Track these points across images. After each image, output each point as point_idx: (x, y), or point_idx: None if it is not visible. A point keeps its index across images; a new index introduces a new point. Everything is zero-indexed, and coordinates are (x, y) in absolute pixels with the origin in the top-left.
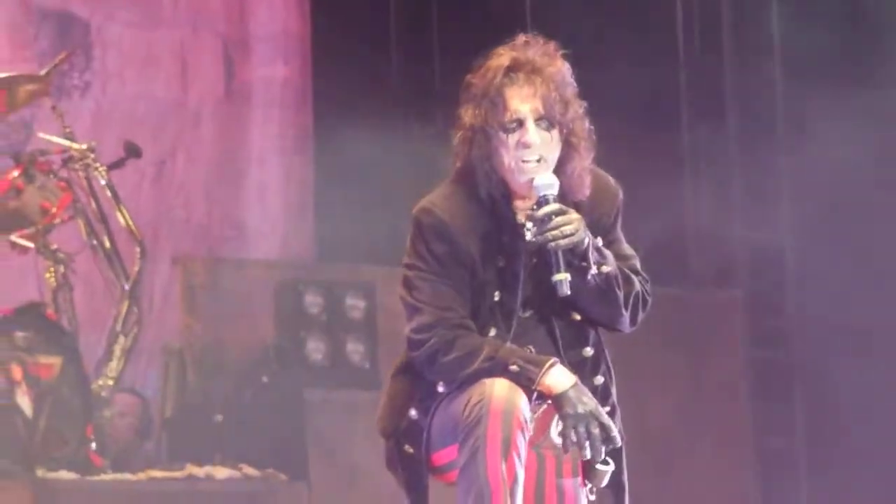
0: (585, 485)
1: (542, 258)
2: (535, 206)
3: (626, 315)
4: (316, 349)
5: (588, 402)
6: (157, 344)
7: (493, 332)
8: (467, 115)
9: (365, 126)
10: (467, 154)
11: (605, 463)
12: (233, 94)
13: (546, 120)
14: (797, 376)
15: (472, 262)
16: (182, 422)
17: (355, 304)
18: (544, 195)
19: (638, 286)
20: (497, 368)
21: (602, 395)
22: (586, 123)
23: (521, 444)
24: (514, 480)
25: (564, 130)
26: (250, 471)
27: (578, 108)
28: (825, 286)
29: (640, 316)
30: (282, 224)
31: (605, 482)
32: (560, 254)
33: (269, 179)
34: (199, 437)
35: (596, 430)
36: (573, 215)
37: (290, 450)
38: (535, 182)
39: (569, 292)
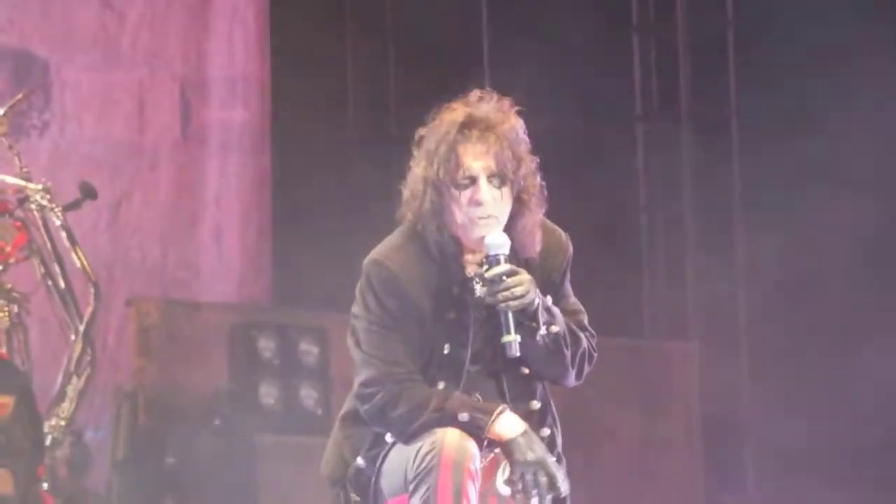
0: None
1: (491, 315)
2: (485, 263)
3: (573, 372)
4: (269, 394)
5: (537, 449)
6: (110, 385)
7: (441, 385)
8: (419, 168)
9: (323, 170)
10: (418, 207)
11: None
12: (190, 136)
13: (498, 177)
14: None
15: (421, 315)
16: (134, 464)
17: (309, 350)
18: (495, 254)
19: (585, 343)
20: (446, 418)
21: (549, 445)
22: (538, 179)
23: (472, 492)
24: None
25: (516, 187)
26: None
27: (531, 163)
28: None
29: (586, 371)
30: (238, 267)
31: None
32: (510, 315)
33: (225, 222)
34: (151, 479)
35: (543, 479)
36: (524, 276)
37: (242, 494)
38: (487, 241)
39: (518, 354)
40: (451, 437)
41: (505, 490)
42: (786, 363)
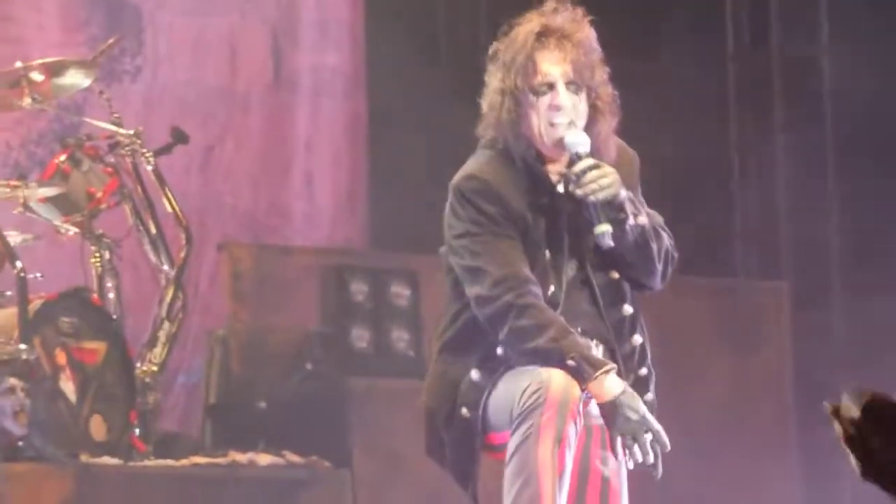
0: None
1: (579, 216)
2: (569, 164)
3: (659, 268)
4: (360, 337)
5: (639, 408)
6: (202, 330)
7: (552, 290)
8: (495, 79)
9: (417, 113)
10: (496, 119)
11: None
12: (281, 81)
13: (575, 84)
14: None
15: (522, 220)
16: (226, 408)
17: (400, 293)
18: (576, 152)
19: (667, 240)
20: (556, 354)
21: (640, 356)
22: (611, 88)
23: (573, 435)
24: (563, 470)
25: (592, 94)
26: (293, 458)
27: (604, 73)
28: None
29: (669, 272)
30: (329, 212)
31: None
32: (599, 206)
33: (317, 167)
34: (243, 423)
35: (645, 437)
36: (607, 168)
37: (334, 437)
38: (567, 140)
39: (612, 244)
40: (557, 379)
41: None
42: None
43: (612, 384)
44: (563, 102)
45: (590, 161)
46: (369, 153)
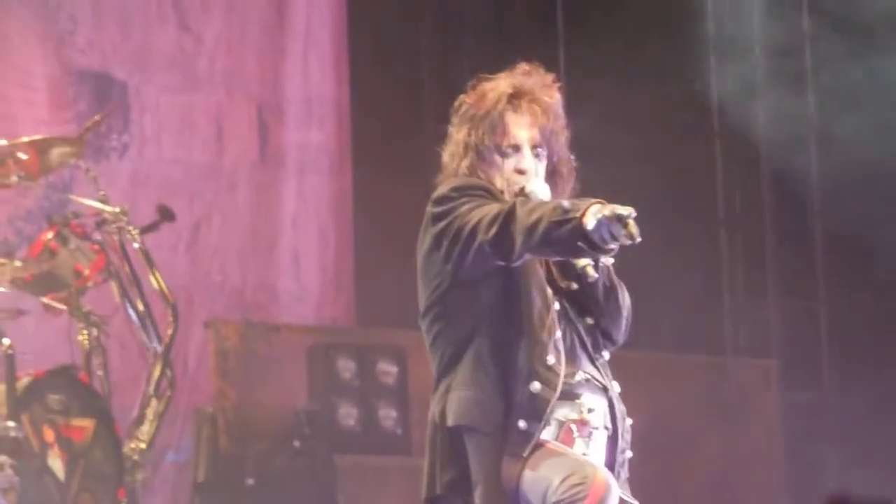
0: None
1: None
2: None
3: (624, 316)
4: (348, 414)
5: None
6: (190, 407)
7: (557, 307)
8: (461, 133)
9: (404, 188)
10: (455, 168)
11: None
12: (268, 158)
13: (539, 149)
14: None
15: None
16: (214, 485)
17: (387, 370)
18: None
19: (628, 296)
20: (558, 206)
21: (620, 402)
22: (570, 155)
23: None
24: None
25: (553, 159)
26: None
27: (566, 139)
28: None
29: (628, 328)
30: (316, 289)
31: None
32: None
33: (303, 244)
34: (232, 500)
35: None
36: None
37: None
38: (528, 188)
39: (597, 275)
40: (601, 476)
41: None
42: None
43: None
44: (528, 166)
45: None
46: (354, 229)
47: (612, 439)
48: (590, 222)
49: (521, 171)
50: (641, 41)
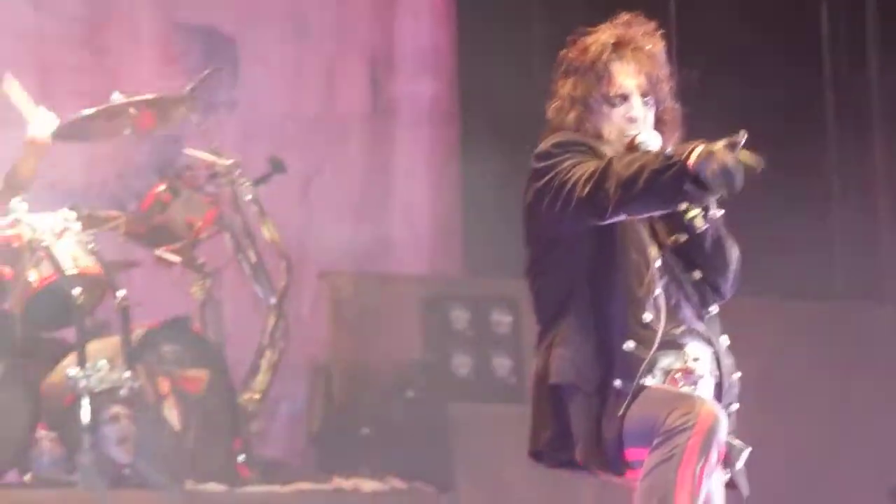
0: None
1: (656, 219)
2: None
3: (732, 269)
4: (462, 364)
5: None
6: (304, 358)
7: (659, 263)
8: (566, 87)
9: (511, 138)
10: (561, 121)
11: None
12: (379, 110)
13: (646, 96)
14: None
15: None
16: (329, 435)
17: (501, 319)
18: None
19: (736, 248)
20: (659, 156)
21: (731, 358)
22: (675, 103)
23: (715, 463)
24: (699, 498)
25: (660, 108)
26: (397, 483)
27: (670, 87)
28: None
29: (737, 282)
30: (428, 239)
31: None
32: None
33: (415, 195)
34: (346, 449)
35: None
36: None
37: (437, 463)
38: (639, 139)
39: (705, 225)
40: (708, 406)
41: (700, 222)
42: None
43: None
44: (638, 114)
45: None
46: (463, 180)
47: (719, 388)
48: (695, 162)
49: (631, 120)
50: None
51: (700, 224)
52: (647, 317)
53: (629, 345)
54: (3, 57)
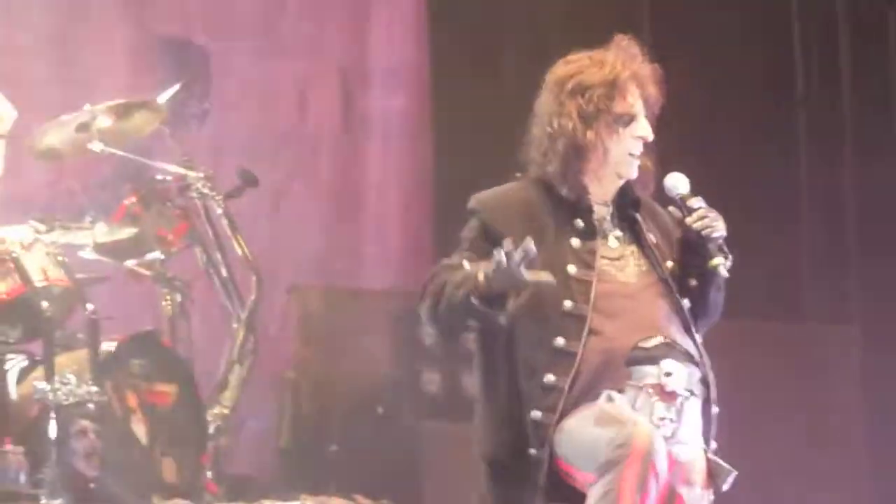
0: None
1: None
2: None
3: (719, 312)
4: (431, 380)
5: None
6: (272, 373)
7: (568, 304)
8: (570, 106)
9: (482, 155)
10: (571, 137)
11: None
12: (351, 124)
13: (647, 116)
14: None
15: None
16: (297, 451)
17: (470, 336)
18: (679, 193)
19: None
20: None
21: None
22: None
23: (653, 488)
24: None
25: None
26: (365, 501)
27: (657, 111)
28: None
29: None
30: (399, 255)
31: None
32: (712, 241)
33: (387, 210)
34: (314, 466)
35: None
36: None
37: (405, 480)
38: (667, 182)
39: (726, 274)
40: (642, 429)
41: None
42: None
43: None
44: (645, 133)
45: (701, 201)
46: (435, 196)
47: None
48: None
49: (642, 139)
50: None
51: (723, 272)
52: (550, 378)
53: (535, 414)
54: None
